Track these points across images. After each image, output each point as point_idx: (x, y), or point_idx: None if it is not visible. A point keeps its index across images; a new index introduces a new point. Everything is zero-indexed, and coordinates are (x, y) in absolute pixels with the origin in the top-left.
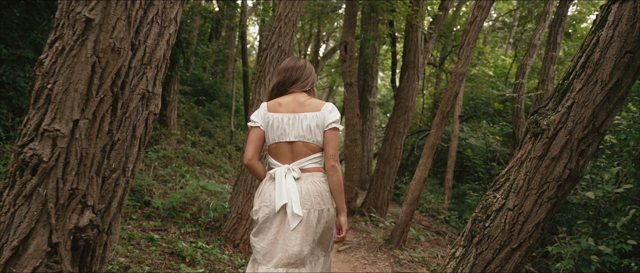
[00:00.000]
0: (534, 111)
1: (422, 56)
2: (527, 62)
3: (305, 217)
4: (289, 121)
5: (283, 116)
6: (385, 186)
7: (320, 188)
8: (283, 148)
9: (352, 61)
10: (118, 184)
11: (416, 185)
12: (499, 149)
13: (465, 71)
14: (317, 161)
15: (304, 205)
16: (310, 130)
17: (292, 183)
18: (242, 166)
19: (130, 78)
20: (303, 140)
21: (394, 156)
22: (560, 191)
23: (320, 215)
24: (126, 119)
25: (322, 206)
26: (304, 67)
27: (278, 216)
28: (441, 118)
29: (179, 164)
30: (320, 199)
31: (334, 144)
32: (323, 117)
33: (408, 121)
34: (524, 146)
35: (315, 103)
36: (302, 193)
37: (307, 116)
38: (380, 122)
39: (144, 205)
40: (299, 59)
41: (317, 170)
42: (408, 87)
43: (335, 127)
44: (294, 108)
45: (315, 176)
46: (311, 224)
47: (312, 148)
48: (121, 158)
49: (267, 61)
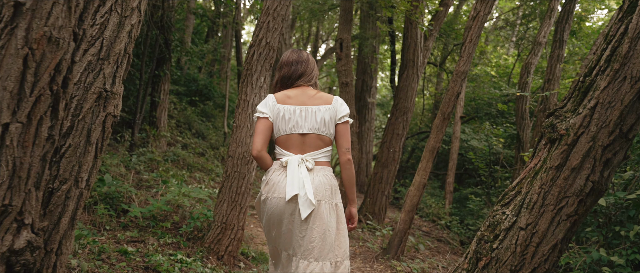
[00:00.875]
0: (550, 112)
1: (422, 54)
2: (532, 61)
3: (317, 208)
4: (301, 113)
5: (295, 108)
6: (383, 191)
7: (332, 182)
8: (294, 140)
9: (348, 59)
10: (69, 197)
11: (415, 191)
12: (503, 151)
13: (467, 69)
14: (327, 154)
15: (316, 196)
16: (324, 122)
17: (306, 173)
18: (228, 172)
19: (79, 75)
20: (317, 132)
21: (393, 159)
22: (581, 207)
23: (332, 208)
24: (79, 122)
25: (332, 200)
26: (308, 61)
27: (288, 207)
28: (442, 119)
29: (166, 168)
30: (330, 192)
31: (347, 137)
32: (335, 110)
33: (407, 122)
34: (538, 154)
35: (326, 96)
36: (315, 184)
37: (320, 108)
38: (380, 123)
39: (121, 213)
40: (301, 51)
41: (328, 165)
42: (407, 87)
43: (347, 120)
44: (304, 101)
45: (327, 170)
46: (322, 215)
47: (325, 140)
48: (73, 167)
49: (255, 58)
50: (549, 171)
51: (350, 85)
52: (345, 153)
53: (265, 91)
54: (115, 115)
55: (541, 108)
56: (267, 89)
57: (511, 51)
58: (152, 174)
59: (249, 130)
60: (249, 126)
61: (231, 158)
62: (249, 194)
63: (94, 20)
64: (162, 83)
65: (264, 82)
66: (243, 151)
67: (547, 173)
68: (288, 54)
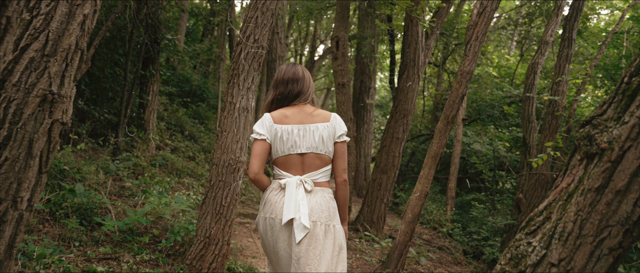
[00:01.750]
0: (586, 121)
1: (423, 53)
2: (539, 61)
3: (311, 230)
4: (299, 133)
5: (292, 128)
6: (382, 199)
7: (330, 204)
8: (293, 160)
9: (345, 58)
10: (5, 220)
11: (417, 201)
12: (508, 156)
13: (472, 69)
14: (326, 174)
15: (311, 217)
16: (322, 141)
17: (303, 196)
18: (211, 181)
19: (19, 74)
20: (315, 151)
21: (392, 164)
22: (627, 239)
23: (327, 230)
24: (18, 131)
25: (329, 222)
26: (304, 78)
27: (284, 230)
28: (445, 123)
29: (152, 173)
30: (327, 214)
31: (344, 158)
32: (333, 128)
33: (407, 125)
34: (572, 171)
35: (324, 114)
36: (311, 205)
37: (318, 126)
38: (379, 124)
39: (96, 226)
40: (296, 67)
41: (327, 185)
42: (407, 88)
43: (345, 139)
44: (302, 119)
45: (325, 191)
46: (318, 238)
47: (324, 159)
48: (10, 185)
49: (242, 57)
50: (587, 194)
51: (347, 86)
52: (342, 174)
53: (253, 92)
54: (64, 122)
55: (549, 110)
56: (256, 91)
57: (513, 51)
58: (134, 181)
59: (235, 135)
60: (235, 131)
61: (215, 166)
62: (235, 205)
63: (38, 9)
64: (151, 84)
65: (252, 83)
66: (228, 159)
67: (584, 197)
68: (283, 71)
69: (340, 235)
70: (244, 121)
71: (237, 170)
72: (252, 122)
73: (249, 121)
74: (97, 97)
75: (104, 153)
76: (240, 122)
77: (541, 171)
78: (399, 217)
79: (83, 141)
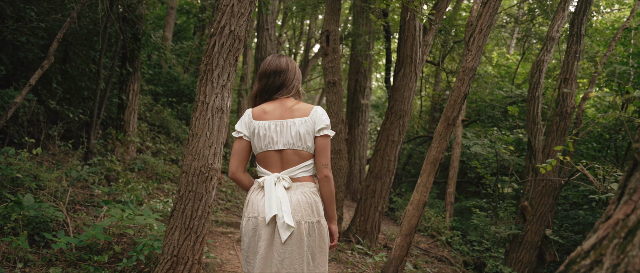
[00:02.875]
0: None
1: (421, 49)
2: (545, 58)
3: (296, 229)
4: (276, 129)
5: (269, 123)
6: (376, 207)
7: (311, 199)
8: (272, 157)
9: (336, 54)
10: None
11: (414, 211)
12: (511, 159)
13: (476, 66)
14: (308, 169)
15: (294, 216)
16: (299, 137)
17: (283, 193)
18: (181, 191)
19: None
20: (292, 148)
21: (387, 169)
22: None
23: (311, 228)
24: None
25: (312, 218)
26: (287, 70)
27: (267, 229)
28: (446, 125)
29: (127, 179)
30: (310, 211)
31: (325, 153)
32: (313, 122)
33: (404, 127)
34: (632, 196)
35: (304, 108)
36: (292, 203)
37: (295, 122)
38: (375, 125)
39: (49, 242)
40: (281, 58)
41: (309, 180)
42: (404, 87)
43: (327, 133)
44: (281, 114)
45: (306, 186)
46: (302, 236)
47: (302, 155)
48: None
49: (216, 50)
50: None
51: (338, 84)
52: (323, 169)
53: (229, 90)
54: None
55: (557, 111)
56: (232, 89)
57: (512, 49)
58: (104, 188)
59: (208, 139)
60: (207, 134)
61: (185, 175)
62: (208, 219)
63: None
64: (131, 82)
65: (228, 80)
66: (200, 166)
67: None
68: (266, 63)
69: (325, 231)
70: (218, 122)
71: (210, 179)
72: (229, 124)
73: (224, 122)
74: (71, 96)
75: (73, 158)
76: (214, 124)
77: (548, 177)
78: (395, 224)
79: (42, 144)
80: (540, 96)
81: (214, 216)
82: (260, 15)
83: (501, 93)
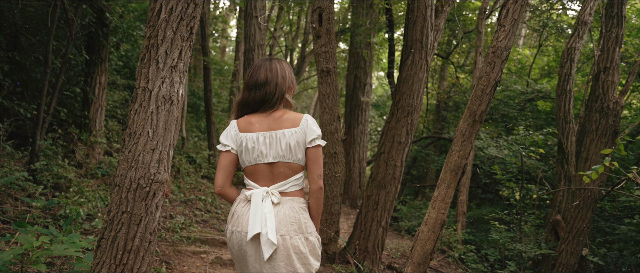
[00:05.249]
0: None
1: (433, 33)
2: (576, 46)
3: (280, 245)
4: (265, 141)
5: (258, 136)
6: (380, 221)
7: (299, 215)
8: (261, 170)
9: (330, 37)
10: None
11: (429, 233)
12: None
13: (510, 45)
14: (298, 183)
15: (279, 230)
16: (290, 149)
17: (270, 208)
18: (111, 213)
19: None
20: (283, 160)
21: (392, 176)
22: None
23: (299, 244)
24: None
25: (298, 234)
26: (269, 83)
27: (251, 245)
28: (471, 122)
29: (80, 188)
30: (297, 227)
31: (319, 163)
32: (304, 133)
33: (412, 126)
34: None
35: (293, 118)
36: (278, 217)
37: (285, 133)
38: (376, 125)
39: None
40: (262, 68)
41: (298, 194)
42: (412, 78)
43: (318, 144)
44: (269, 125)
45: (295, 201)
46: (289, 252)
47: (293, 168)
48: None
49: (162, 18)
50: None
51: (333, 73)
52: (318, 180)
53: (182, 74)
54: None
55: (597, 107)
56: (186, 72)
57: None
58: (39, 201)
59: (151, 140)
60: (149, 133)
61: (118, 190)
62: (150, 250)
63: None
64: (97, 75)
65: (180, 59)
66: (138, 177)
67: None
68: (250, 72)
69: (313, 247)
70: (165, 117)
71: (153, 195)
72: (180, 120)
73: (174, 117)
74: (24, 90)
75: (13, 162)
76: (159, 119)
77: (585, 185)
78: (399, 235)
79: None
80: (572, 89)
81: (186, 231)
82: (248, 1)
83: (518, 88)
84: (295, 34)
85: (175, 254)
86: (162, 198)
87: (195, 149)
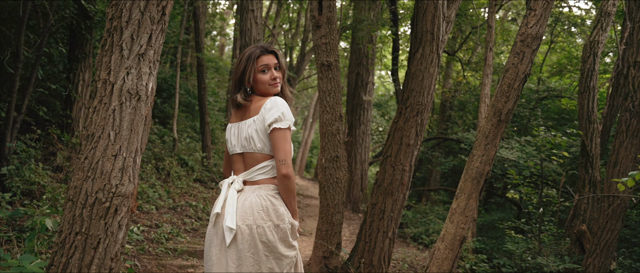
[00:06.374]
0: None
1: (444, 23)
2: (599, 39)
3: (247, 234)
4: (234, 132)
5: (231, 126)
6: (386, 232)
7: (266, 202)
8: (236, 160)
9: (332, 27)
10: None
11: (447, 251)
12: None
13: (542, 32)
14: (266, 171)
15: (245, 220)
16: (249, 139)
17: (232, 195)
18: (62, 235)
19: None
20: (246, 151)
21: (400, 182)
22: None
23: (263, 232)
24: None
25: (266, 222)
26: (234, 65)
27: (218, 234)
28: (496, 122)
29: (55, 195)
30: (265, 214)
31: (281, 147)
32: (262, 119)
33: (422, 126)
34: None
35: (258, 105)
36: (245, 206)
37: (247, 122)
38: (377, 125)
39: None
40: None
41: (267, 182)
42: (422, 73)
43: (277, 127)
44: (241, 115)
45: (263, 189)
46: (255, 242)
47: (256, 158)
48: None
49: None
50: None
51: (334, 67)
52: (281, 167)
53: (150, 64)
54: None
55: (627, 106)
56: (157, 62)
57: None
58: (4, 211)
59: (112, 144)
60: (111, 135)
61: (71, 204)
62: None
63: None
64: (81, 71)
65: (149, 46)
66: (96, 189)
67: None
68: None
69: (284, 235)
70: (130, 116)
71: (115, 212)
72: (150, 119)
73: (142, 116)
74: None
75: None
76: (123, 118)
77: (614, 192)
78: (404, 243)
79: None
80: (595, 86)
81: (172, 242)
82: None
83: (531, 86)
84: (294, 31)
85: (158, 269)
86: (126, 215)
87: (188, 150)
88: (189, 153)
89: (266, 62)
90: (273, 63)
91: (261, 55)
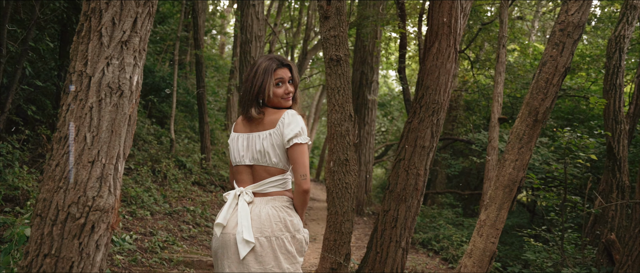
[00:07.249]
0: None
1: (462, 16)
2: (625, 33)
3: (266, 246)
4: (243, 143)
5: (239, 136)
6: (399, 241)
7: (283, 214)
8: (242, 171)
9: (341, 18)
10: None
11: (474, 268)
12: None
13: (584, 20)
14: (278, 183)
15: (264, 232)
16: (263, 153)
17: (244, 206)
18: (29, 257)
19: None
20: (258, 164)
21: (415, 188)
22: None
23: (283, 244)
24: None
25: (285, 233)
26: (247, 80)
27: (222, 244)
28: (531, 122)
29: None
30: (283, 225)
31: (301, 162)
32: (280, 134)
33: (438, 127)
34: None
35: (273, 118)
36: (262, 218)
37: (260, 135)
38: (379, 125)
39: None
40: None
41: (281, 194)
42: (439, 69)
43: (297, 142)
44: (251, 127)
45: (277, 200)
46: (276, 254)
47: (270, 171)
48: None
49: None
50: None
51: (344, 62)
52: (302, 182)
53: (136, 53)
54: None
55: None
56: (144, 52)
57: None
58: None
59: (89, 148)
60: (87, 137)
61: (40, 220)
62: None
63: None
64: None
65: (134, 32)
66: (69, 202)
67: None
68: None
69: (300, 246)
70: (110, 115)
71: (92, 230)
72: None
73: (125, 115)
74: None
75: None
76: (102, 117)
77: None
78: (413, 249)
79: None
80: (622, 83)
81: (168, 251)
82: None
83: None
84: (296, 30)
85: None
86: (105, 234)
87: (186, 152)
88: (187, 154)
89: (281, 75)
90: (287, 77)
91: (277, 68)
